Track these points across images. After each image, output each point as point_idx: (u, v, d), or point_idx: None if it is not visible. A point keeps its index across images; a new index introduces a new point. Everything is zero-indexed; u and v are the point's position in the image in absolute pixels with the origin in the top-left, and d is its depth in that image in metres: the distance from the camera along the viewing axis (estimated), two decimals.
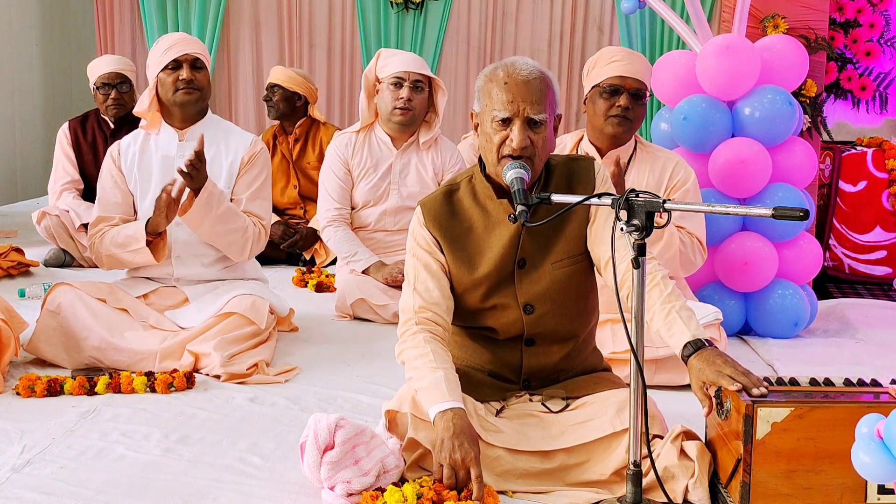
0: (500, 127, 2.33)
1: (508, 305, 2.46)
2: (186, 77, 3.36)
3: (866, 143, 5.20)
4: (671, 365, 3.14)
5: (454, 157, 4.25)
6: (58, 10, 7.54)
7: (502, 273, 2.44)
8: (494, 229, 2.44)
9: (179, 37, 3.46)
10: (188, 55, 3.37)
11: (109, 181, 3.45)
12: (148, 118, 3.46)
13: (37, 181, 7.19)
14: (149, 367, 3.18)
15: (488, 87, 2.37)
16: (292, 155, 5.32)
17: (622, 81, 3.35)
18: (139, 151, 3.46)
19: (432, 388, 2.29)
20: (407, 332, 2.44)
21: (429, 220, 2.47)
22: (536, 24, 6.68)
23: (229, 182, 3.47)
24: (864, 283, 5.09)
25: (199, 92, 3.40)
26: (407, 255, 2.53)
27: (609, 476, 2.30)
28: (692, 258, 3.42)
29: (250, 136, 3.57)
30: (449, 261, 2.46)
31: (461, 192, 2.49)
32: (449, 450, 2.19)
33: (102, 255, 3.38)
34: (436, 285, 2.44)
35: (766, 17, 4.21)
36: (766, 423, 2.09)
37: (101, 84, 4.95)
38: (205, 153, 3.27)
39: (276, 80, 5.27)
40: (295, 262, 5.11)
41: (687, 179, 3.44)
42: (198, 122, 3.46)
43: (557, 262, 2.44)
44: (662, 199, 2.07)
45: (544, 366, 2.51)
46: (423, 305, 2.43)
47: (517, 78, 2.33)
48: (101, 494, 2.30)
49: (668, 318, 2.26)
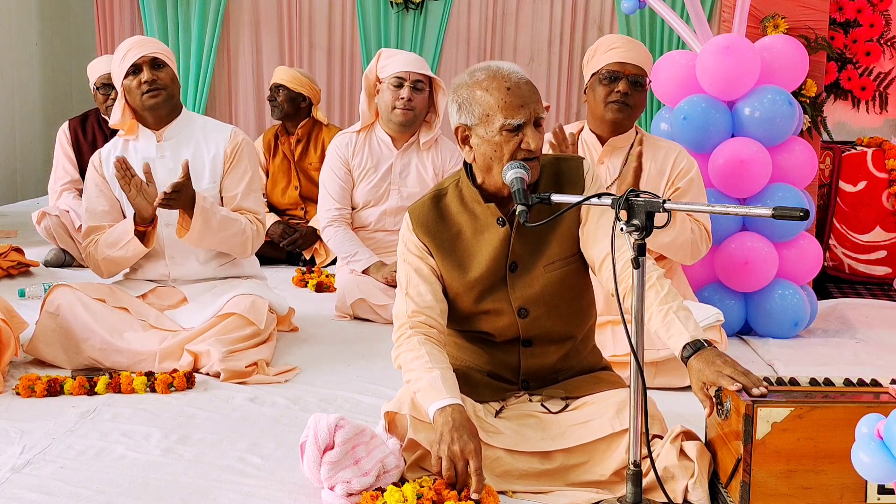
0: (512, 134, 2.31)
1: (502, 310, 2.45)
2: (147, 78, 3.32)
3: (866, 143, 5.20)
4: (671, 367, 3.13)
5: (454, 158, 4.25)
6: (58, 10, 7.54)
7: (494, 277, 2.43)
8: (483, 233, 2.43)
9: (135, 40, 3.43)
10: (145, 56, 3.33)
11: (94, 191, 3.46)
12: (124, 127, 3.45)
13: (37, 181, 7.19)
14: (149, 368, 3.18)
15: (481, 96, 2.31)
16: (294, 156, 5.32)
17: (622, 67, 3.34)
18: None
19: (430, 388, 2.29)
20: (402, 337, 2.43)
21: (417, 226, 2.46)
22: (536, 24, 6.67)
23: (214, 177, 3.46)
24: (864, 283, 5.09)
25: (164, 91, 3.36)
26: (398, 260, 2.52)
27: (609, 476, 2.30)
28: (699, 246, 3.40)
29: (229, 127, 3.54)
30: (440, 265, 2.45)
31: (448, 197, 2.48)
32: (448, 442, 2.19)
33: (99, 260, 3.39)
34: (428, 289, 2.44)
35: (766, 17, 4.21)
36: (766, 423, 2.09)
37: (102, 84, 4.95)
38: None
39: (281, 81, 5.25)
40: (295, 262, 5.11)
41: (690, 169, 3.42)
42: (173, 121, 3.44)
43: (549, 264, 2.43)
44: (662, 199, 2.07)
45: (542, 366, 2.51)
46: (417, 309, 2.43)
47: (518, 82, 2.32)
48: (101, 494, 2.30)
49: (667, 319, 2.26)
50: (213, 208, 3.32)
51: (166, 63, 3.38)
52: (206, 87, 6.56)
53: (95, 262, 3.41)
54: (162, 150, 3.42)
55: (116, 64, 3.37)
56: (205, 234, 3.31)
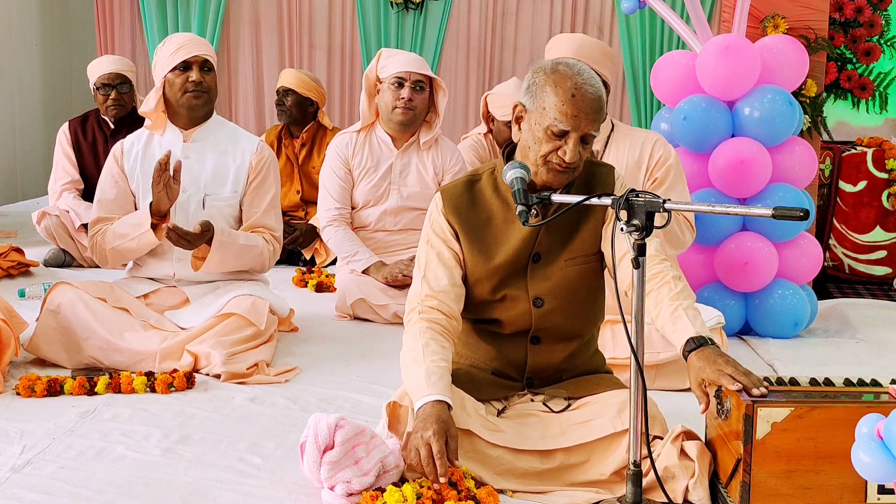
0: (554, 137, 2.31)
1: (518, 298, 2.46)
2: (196, 79, 3.35)
3: (866, 143, 5.20)
4: (671, 370, 3.14)
5: (454, 158, 4.24)
6: (58, 10, 7.54)
7: (516, 265, 2.45)
8: (514, 222, 2.44)
9: (189, 38, 3.43)
10: (198, 57, 3.35)
11: (110, 181, 3.45)
12: (153, 118, 3.45)
13: (37, 181, 7.19)
14: (149, 368, 3.18)
15: (549, 90, 2.31)
16: (298, 159, 5.31)
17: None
18: (142, 151, 3.46)
19: (415, 386, 2.30)
20: (409, 323, 2.45)
21: (448, 208, 2.47)
22: (536, 24, 6.67)
23: (236, 186, 3.47)
24: (864, 283, 5.09)
25: (206, 94, 3.39)
26: (421, 241, 2.53)
27: (609, 476, 2.30)
28: (680, 236, 3.36)
29: (256, 139, 3.56)
30: (465, 249, 2.47)
31: (482, 182, 2.50)
32: (417, 431, 2.20)
33: (106, 250, 3.38)
34: (445, 274, 2.44)
35: (766, 17, 4.21)
36: (766, 423, 2.09)
37: (102, 84, 4.95)
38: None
39: (290, 85, 5.22)
40: (295, 262, 5.10)
41: (668, 157, 3.37)
42: (203, 124, 3.46)
43: (571, 259, 2.45)
44: (663, 200, 2.07)
45: (548, 364, 2.52)
46: (430, 294, 2.43)
47: (586, 94, 2.30)
48: (101, 494, 2.30)
49: (675, 314, 2.27)
50: (231, 237, 3.34)
51: (214, 68, 3.42)
52: None
53: (102, 251, 3.39)
54: (187, 150, 3.42)
55: (166, 56, 3.37)
56: (222, 262, 3.36)
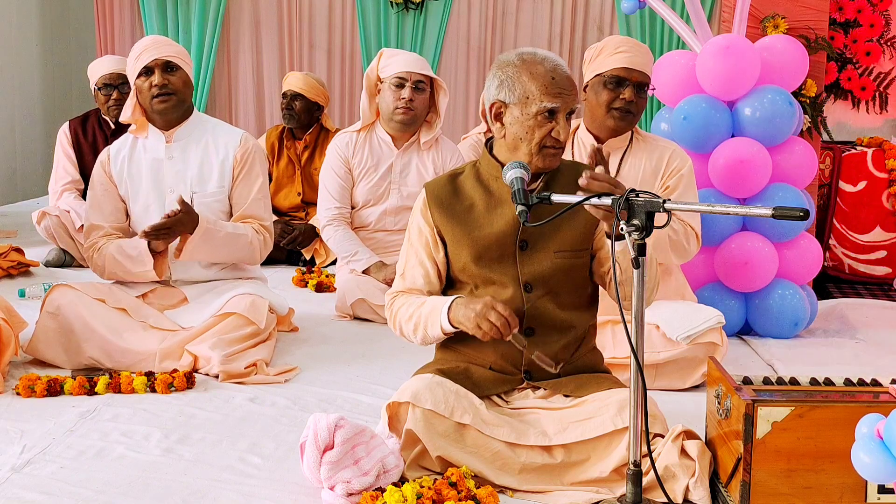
0: (546, 120, 2.39)
1: (508, 284, 2.49)
2: (158, 82, 3.32)
3: (866, 143, 5.20)
4: (671, 369, 3.14)
5: (455, 157, 4.25)
6: (58, 10, 7.54)
7: (503, 251, 2.49)
8: (497, 208, 2.50)
9: (151, 41, 3.42)
10: (157, 60, 3.33)
11: (100, 189, 3.46)
12: (136, 123, 3.46)
13: (37, 181, 7.19)
14: (149, 368, 3.18)
15: (526, 79, 2.39)
16: (300, 161, 5.31)
17: (628, 74, 3.28)
18: (128, 156, 3.46)
19: (432, 311, 2.46)
20: (390, 305, 2.61)
21: (431, 199, 2.56)
22: (536, 24, 6.67)
23: (222, 181, 3.46)
24: (864, 283, 5.09)
25: (174, 96, 3.36)
26: (405, 240, 2.63)
27: (609, 474, 2.31)
28: (685, 245, 3.30)
29: (239, 132, 3.54)
30: (447, 237, 2.53)
31: (464, 176, 2.59)
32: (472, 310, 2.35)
33: (105, 272, 3.41)
34: (421, 273, 2.57)
35: (766, 17, 4.21)
36: (766, 423, 2.09)
37: (102, 84, 4.95)
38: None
39: (299, 90, 5.21)
40: (295, 262, 5.10)
41: (682, 166, 3.37)
42: (183, 124, 3.45)
43: (560, 251, 2.48)
44: (662, 200, 2.07)
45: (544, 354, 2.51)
46: (407, 290, 2.59)
47: (562, 73, 2.41)
48: (101, 494, 2.30)
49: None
50: (216, 226, 3.34)
51: (180, 66, 3.37)
52: (207, 87, 6.56)
53: (100, 269, 3.42)
54: (170, 151, 3.42)
55: (131, 62, 3.38)
56: (209, 254, 3.38)
